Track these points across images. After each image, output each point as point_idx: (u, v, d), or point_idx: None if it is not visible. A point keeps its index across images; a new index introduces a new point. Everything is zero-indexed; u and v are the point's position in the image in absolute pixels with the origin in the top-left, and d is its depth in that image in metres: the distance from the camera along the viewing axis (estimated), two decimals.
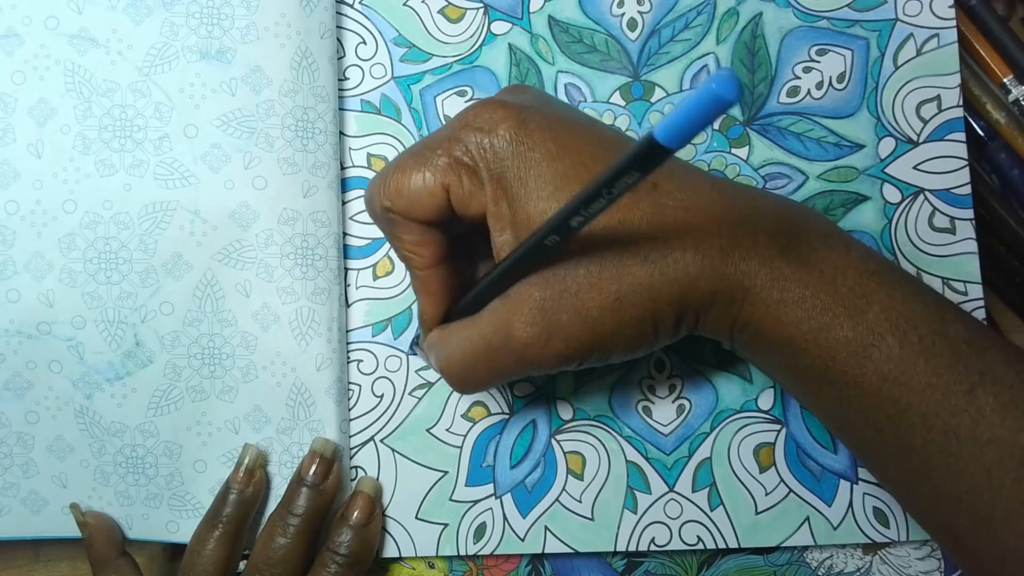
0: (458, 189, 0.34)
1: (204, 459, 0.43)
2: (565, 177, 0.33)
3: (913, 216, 0.44)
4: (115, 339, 0.42)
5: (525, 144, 0.33)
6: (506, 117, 0.34)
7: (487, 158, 0.34)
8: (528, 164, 0.33)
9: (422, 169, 0.34)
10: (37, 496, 0.43)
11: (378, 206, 0.36)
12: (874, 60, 0.45)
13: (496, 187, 0.34)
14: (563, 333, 0.33)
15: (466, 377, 0.36)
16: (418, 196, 0.34)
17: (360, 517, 0.41)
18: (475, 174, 0.34)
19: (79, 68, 0.42)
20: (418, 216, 0.35)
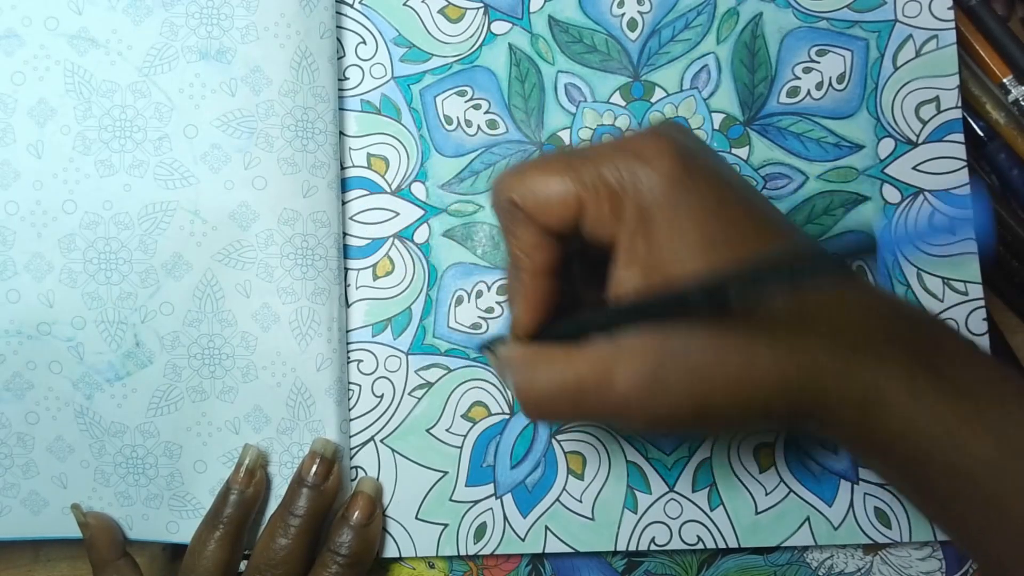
0: (594, 209, 0.32)
1: (204, 459, 0.43)
2: (716, 237, 0.30)
3: (913, 216, 0.44)
4: (115, 339, 0.42)
5: (684, 186, 0.31)
6: (670, 154, 0.31)
7: (638, 189, 0.31)
8: (681, 209, 0.31)
9: (564, 176, 0.32)
10: (37, 496, 0.43)
11: (504, 197, 0.33)
12: (874, 61, 0.44)
13: (638, 221, 0.31)
14: (669, 399, 0.31)
15: (545, 410, 0.34)
16: (551, 201, 0.32)
17: (360, 517, 0.41)
18: (618, 201, 0.31)
19: (79, 68, 0.42)
20: (543, 220, 0.32)
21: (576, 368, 0.32)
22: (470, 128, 0.45)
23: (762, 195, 0.34)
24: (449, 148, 0.45)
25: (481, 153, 0.45)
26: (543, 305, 0.34)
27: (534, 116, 0.45)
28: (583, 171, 0.32)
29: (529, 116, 0.45)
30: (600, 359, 0.32)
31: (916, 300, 0.43)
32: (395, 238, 0.45)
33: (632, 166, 0.31)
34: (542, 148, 0.45)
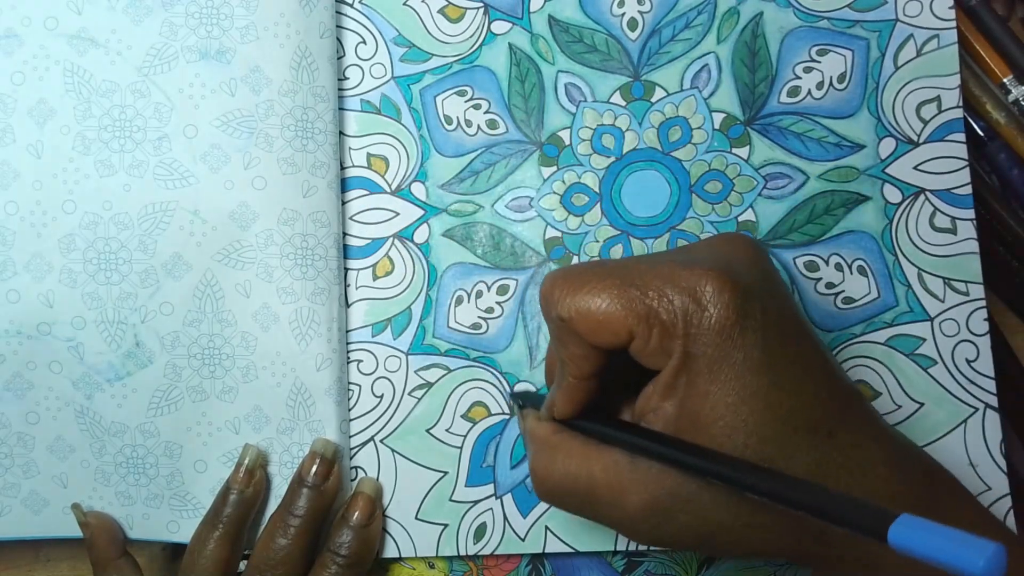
0: (644, 342, 0.32)
1: (205, 459, 0.43)
2: (755, 393, 0.30)
3: (914, 216, 0.44)
4: (115, 339, 0.42)
5: (733, 341, 0.30)
6: (728, 304, 0.30)
7: (689, 332, 0.31)
8: (726, 362, 0.30)
9: (617, 303, 0.31)
10: (38, 496, 0.43)
11: (555, 313, 0.33)
12: (874, 60, 0.44)
13: (683, 363, 0.31)
14: (674, 531, 0.32)
15: (554, 496, 0.35)
16: (603, 328, 0.32)
17: (360, 518, 0.41)
18: (668, 336, 0.31)
19: (78, 68, 0.42)
20: (593, 342, 0.32)
21: (593, 474, 0.33)
22: (470, 128, 0.45)
23: (814, 338, 0.33)
24: (449, 148, 0.45)
25: (481, 153, 0.45)
26: (583, 403, 0.35)
27: (534, 116, 0.45)
28: (637, 302, 0.31)
29: (529, 116, 0.45)
30: (616, 472, 0.32)
31: (917, 300, 0.43)
32: (395, 238, 0.45)
33: (687, 307, 0.31)
34: (542, 148, 0.45)
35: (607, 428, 0.34)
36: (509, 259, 0.44)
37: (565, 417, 0.35)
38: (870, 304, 0.44)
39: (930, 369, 0.43)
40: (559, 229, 0.45)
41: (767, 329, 0.31)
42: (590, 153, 0.45)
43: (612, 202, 0.45)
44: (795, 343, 0.32)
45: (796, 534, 0.31)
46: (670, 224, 0.44)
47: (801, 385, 0.31)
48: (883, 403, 0.43)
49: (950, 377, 0.43)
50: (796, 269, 0.44)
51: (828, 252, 0.44)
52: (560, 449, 0.34)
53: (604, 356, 0.33)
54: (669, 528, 0.32)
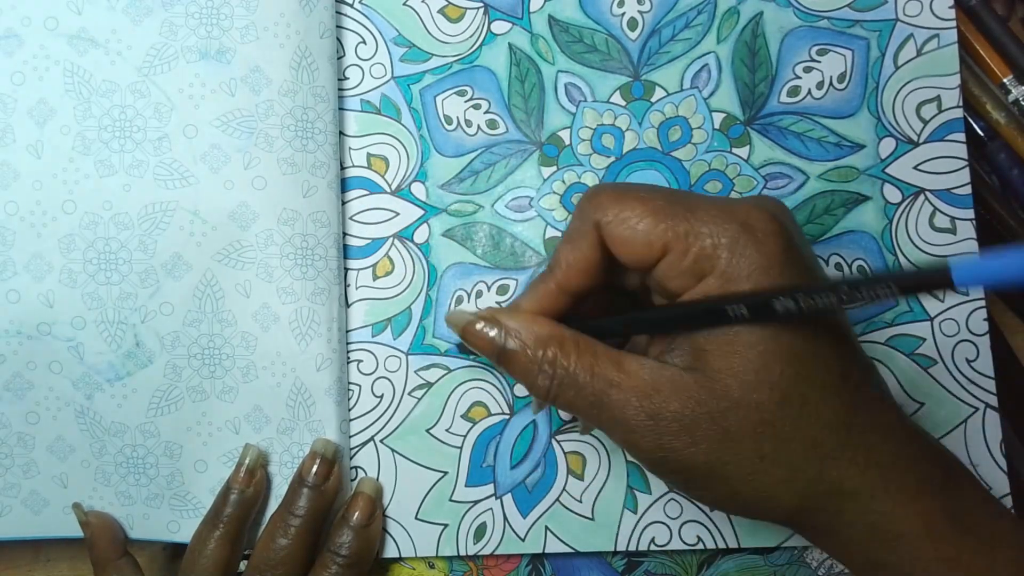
0: (677, 260, 0.31)
1: (205, 459, 0.43)
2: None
3: (914, 216, 0.44)
4: (115, 339, 0.42)
5: (772, 278, 0.31)
6: (778, 237, 0.31)
7: (733, 261, 0.31)
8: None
9: (661, 219, 0.31)
10: (38, 496, 0.43)
11: (595, 216, 0.33)
12: (874, 60, 0.44)
13: (720, 290, 0.31)
14: (691, 455, 0.31)
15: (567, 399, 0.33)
16: (637, 239, 0.32)
17: (361, 518, 0.41)
18: (705, 262, 0.31)
19: (78, 69, 0.42)
20: (621, 253, 0.32)
21: (622, 362, 0.32)
22: (470, 128, 0.45)
23: None
24: (449, 148, 0.45)
25: (481, 153, 0.45)
26: (547, 314, 0.35)
27: (534, 116, 0.45)
28: (682, 221, 0.31)
29: (529, 116, 0.45)
30: (644, 379, 0.32)
31: (917, 300, 0.43)
32: (395, 238, 0.45)
33: (737, 236, 0.31)
34: (542, 148, 0.45)
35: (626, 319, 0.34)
36: (509, 259, 0.44)
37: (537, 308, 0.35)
38: (870, 304, 0.43)
39: (930, 369, 0.43)
40: (559, 229, 0.45)
41: (804, 274, 0.31)
42: (590, 153, 0.45)
43: None
44: None
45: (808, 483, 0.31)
46: None
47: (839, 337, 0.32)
48: None
49: (950, 377, 0.43)
50: None
51: (828, 252, 0.44)
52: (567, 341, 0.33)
53: (603, 277, 0.34)
54: (687, 452, 0.31)
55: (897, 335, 0.43)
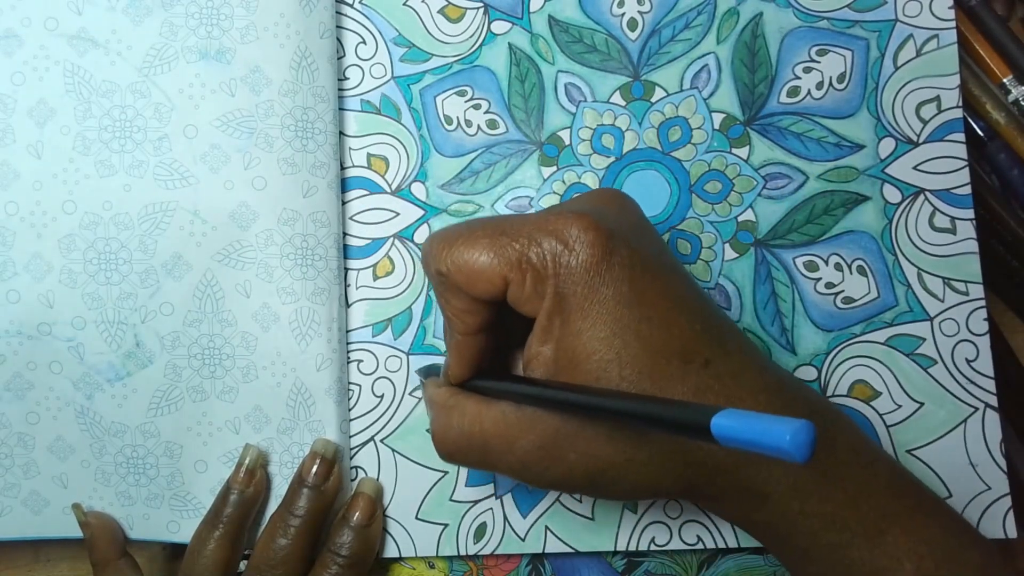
0: (519, 288, 0.33)
1: (205, 459, 0.43)
2: (626, 326, 0.31)
3: (913, 216, 0.44)
4: (115, 340, 0.42)
5: (601, 277, 0.32)
6: (593, 242, 0.32)
7: (559, 273, 0.32)
8: (595, 298, 0.32)
9: (490, 253, 0.33)
10: (38, 496, 0.43)
11: (434, 269, 0.34)
12: (874, 60, 0.44)
13: (556, 304, 0.32)
14: (565, 470, 0.33)
15: (454, 456, 0.36)
16: (478, 277, 0.33)
17: (361, 518, 0.41)
18: (540, 280, 0.32)
19: (79, 69, 0.42)
20: (472, 293, 0.33)
21: (484, 427, 0.34)
22: (470, 128, 0.45)
23: (683, 272, 0.35)
24: (449, 148, 0.45)
25: (481, 153, 0.45)
26: (474, 360, 0.36)
27: (534, 116, 0.45)
28: (509, 249, 0.33)
29: (529, 116, 0.45)
30: (506, 426, 0.33)
31: (916, 300, 0.43)
32: (395, 238, 0.45)
33: (556, 250, 0.32)
34: (542, 148, 0.45)
35: (494, 383, 0.35)
36: None
37: (460, 378, 0.37)
38: (870, 304, 0.44)
39: (930, 369, 0.43)
40: None
41: (635, 267, 0.32)
42: (590, 153, 0.45)
43: None
44: (664, 280, 0.33)
45: (678, 468, 0.32)
46: (670, 224, 0.44)
47: (672, 317, 0.32)
48: (883, 403, 0.43)
49: (950, 377, 0.43)
50: (796, 269, 0.44)
51: (828, 252, 0.44)
52: (455, 410, 0.35)
53: (487, 309, 0.34)
54: (560, 469, 0.33)
55: (897, 335, 0.43)
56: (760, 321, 0.44)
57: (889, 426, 0.43)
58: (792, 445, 0.21)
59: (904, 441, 0.43)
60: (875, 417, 0.43)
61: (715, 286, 0.44)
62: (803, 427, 0.21)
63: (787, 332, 0.44)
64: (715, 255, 0.44)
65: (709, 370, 0.32)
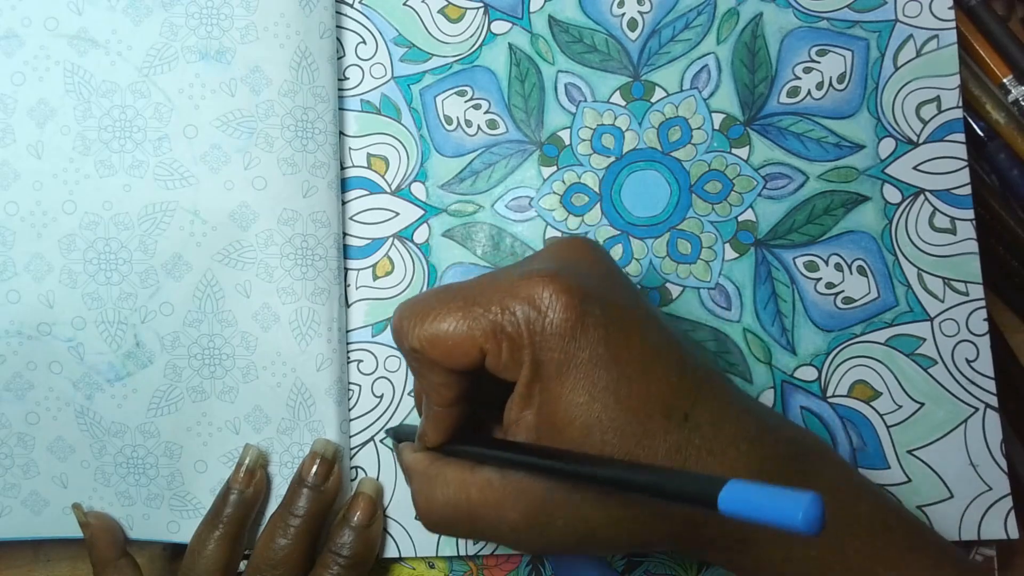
0: (496, 358, 0.32)
1: (205, 459, 0.43)
2: (605, 388, 0.31)
3: (914, 216, 0.44)
4: (115, 340, 0.42)
5: (577, 342, 0.31)
6: (566, 306, 0.31)
7: (534, 340, 0.31)
8: (572, 363, 0.31)
9: (463, 324, 0.32)
10: (38, 497, 0.43)
11: (408, 346, 0.33)
12: (874, 61, 0.44)
13: (533, 371, 0.32)
14: (556, 535, 0.32)
15: (440, 527, 0.35)
16: (452, 350, 0.32)
17: (362, 518, 0.41)
18: (516, 347, 0.32)
19: (79, 69, 0.42)
20: (449, 366, 0.33)
21: (471, 496, 0.33)
22: (470, 128, 0.45)
23: (660, 322, 0.34)
24: (449, 148, 0.45)
25: (481, 153, 0.45)
26: (452, 427, 0.35)
27: (534, 116, 0.45)
28: (482, 319, 0.32)
29: (529, 116, 0.45)
30: (494, 495, 0.32)
31: (917, 300, 0.43)
32: (395, 238, 0.45)
33: (529, 316, 0.31)
34: (542, 148, 0.45)
35: (476, 448, 0.34)
36: (509, 259, 0.45)
37: (436, 445, 0.36)
38: (870, 304, 0.44)
39: (930, 369, 0.43)
40: (559, 229, 0.45)
41: (610, 325, 0.31)
42: (590, 153, 0.45)
43: (612, 202, 0.45)
44: (640, 334, 0.32)
45: (667, 523, 0.32)
46: (670, 224, 0.44)
47: (650, 373, 0.31)
48: (883, 403, 0.43)
49: (950, 377, 0.43)
50: (796, 269, 0.44)
51: (828, 252, 0.44)
52: (437, 479, 0.34)
53: (463, 379, 0.34)
54: (551, 534, 0.32)
55: (897, 335, 0.43)
56: (760, 321, 0.44)
57: (889, 426, 0.43)
58: (804, 522, 0.20)
59: (904, 441, 0.43)
60: (875, 417, 0.43)
61: (715, 286, 0.44)
62: (812, 502, 0.20)
63: (787, 332, 0.44)
64: (715, 255, 0.44)
65: (689, 423, 0.31)
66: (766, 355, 0.44)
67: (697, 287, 0.44)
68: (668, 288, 0.44)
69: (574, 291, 0.31)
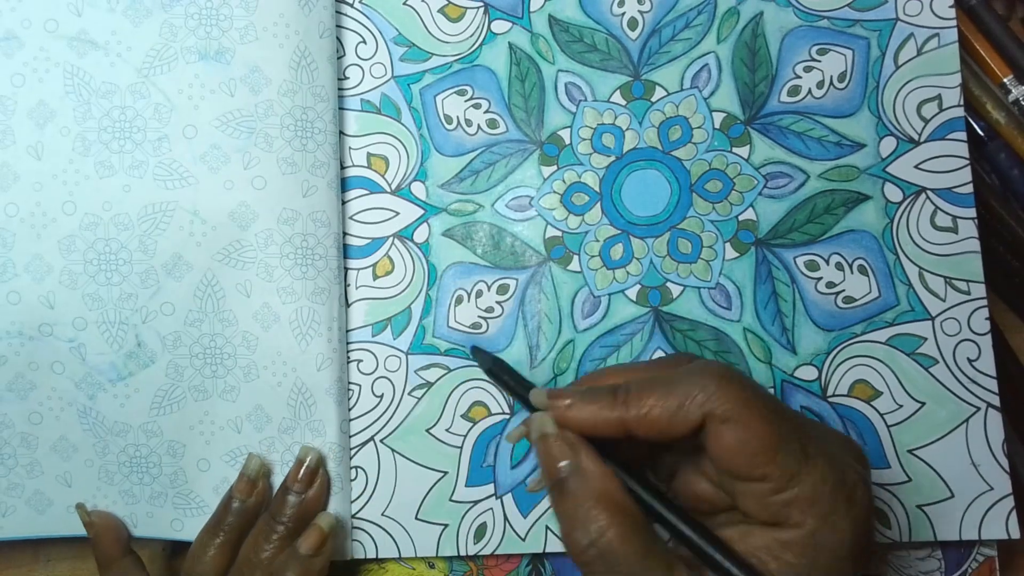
0: (765, 496, 0.32)
1: (207, 458, 0.43)
2: (777, 445, 0.32)
3: (915, 215, 0.44)
4: (116, 340, 0.42)
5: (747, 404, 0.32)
6: (866, 492, 0.33)
7: (819, 536, 0.31)
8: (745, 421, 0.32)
9: (773, 452, 0.32)
10: (42, 496, 0.43)
11: (703, 397, 0.32)
12: (875, 59, 0.44)
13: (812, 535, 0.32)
14: None
15: (594, 569, 0.32)
16: (738, 456, 0.32)
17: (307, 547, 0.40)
18: (794, 513, 0.31)
19: (78, 70, 0.42)
20: (712, 451, 0.32)
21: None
22: (470, 127, 0.45)
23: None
24: (449, 147, 0.45)
25: (481, 152, 0.45)
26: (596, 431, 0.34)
27: (534, 115, 0.45)
28: (794, 463, 0.32)
29: (529, 115, 0.45)
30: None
31: (918, 299, 0.43)
32: (395, 238, 0.45)
33: (835, 506, 0.31)
34: (542, 147, 0.45)
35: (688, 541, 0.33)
36: (509, 259, 0.45)
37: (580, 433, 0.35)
38: (871, 303, 0.44)
39: (931, 368, 0.43)
40: (559, 228, 0.45)
41: (768, 396, 0.33)
42: (590, 152, 0.45)
43: (612, 201, 0.45)
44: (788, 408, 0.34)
45: None
46: (671, 223, 0.44)
47: (806, 434, 0.32)
48: (884, 402, 0.43)
49: (951, 376, 0.43)
50: (797, 268, 0.44)
51: (829, 251, 0.44)
52: (621, 526, 0.32)
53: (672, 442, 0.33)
54: None
55: (898, 334, 0.43)
56: (760, 321, 0.44)
57: (890, 426, 0.43)
58: None
59: (905, 441, 0.43)
60: (876, 417, 0.43)
61: (716, 285, 0.44)
62: None
63: (787, 332, 0.44)
64: (716, 254, 0.44)
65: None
66: (766, 355, 0.44)
67: (697, 286, 0.44)
68: (668, 287, 0.44)
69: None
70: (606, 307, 0.44)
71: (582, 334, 0.44)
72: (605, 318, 0.44)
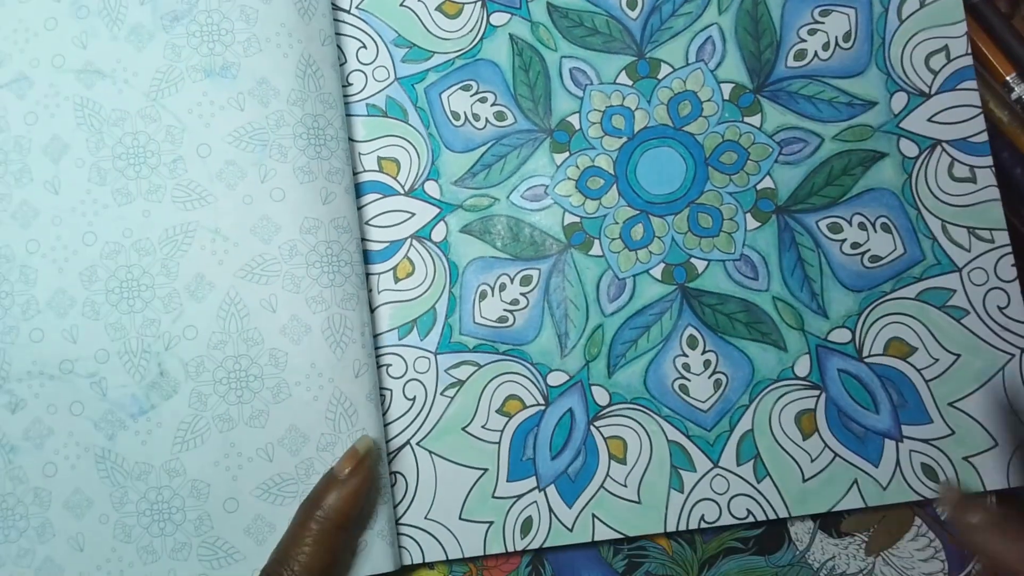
0: None
1: (235, 496, 0.43)
2: None
3: (932, 169, 0.45)
4: (138, 370, 0.43)
5: None
6: None
7: None
8: None
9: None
10: (52, 564, 0.43)
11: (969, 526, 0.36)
12: (878, 16, 0.46)
13: None
14: None
15: None
16: None
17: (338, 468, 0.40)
18: None
19: (88, 101, 0.44)
20: None
21: None
22: (478, 122, 0.46)
23: None
24: (459, 143, 0.46)
25: (491, 146, 0.46)
26: None
27: (541, 104, 0.46)
28: None
29: (536, 104, 0.46)
30: None
31: (943, 252, 0.44)
32: (413, 239, 0.46)
33: None
34: (552, 135, 0.46)
35: None
36: (529, 249, 0.46)
37: None
38: (897, 260, 0.45)
39: (963, 320, 0.44)
40: (577, 214, 0.46)
41: None
42: (601, 135, 0.46)
43: (628, 182, 0.46)
44: None
45: None
46: (689, 199, 0.45)
47: None
48: (920, 358, 0.44)
49: (983, 326, 0.44)
50: (820, 232, 0.45)
51: (850, 212, 0.45)
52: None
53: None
54: None
55: (927, 288, 0.45)
56: (789, 288, 0.45)
57: (928, 381, 0.44)
58: None
59: (944, 394, 0.44)
60: (913, 373, 0.44)
61: (740, 257, 0.45)
62: None
63: (817, 297, 0.45)
64: (737, 226, 0.45)
65: None
66: (798, 321, 0.45)
67: (722, 260, 0.45)
68: (693, 263, 0.45)
69: None
70: (632, 289, 0.45)
71: (610, 318, 0.45)
72: (632, 300, 0.45)
